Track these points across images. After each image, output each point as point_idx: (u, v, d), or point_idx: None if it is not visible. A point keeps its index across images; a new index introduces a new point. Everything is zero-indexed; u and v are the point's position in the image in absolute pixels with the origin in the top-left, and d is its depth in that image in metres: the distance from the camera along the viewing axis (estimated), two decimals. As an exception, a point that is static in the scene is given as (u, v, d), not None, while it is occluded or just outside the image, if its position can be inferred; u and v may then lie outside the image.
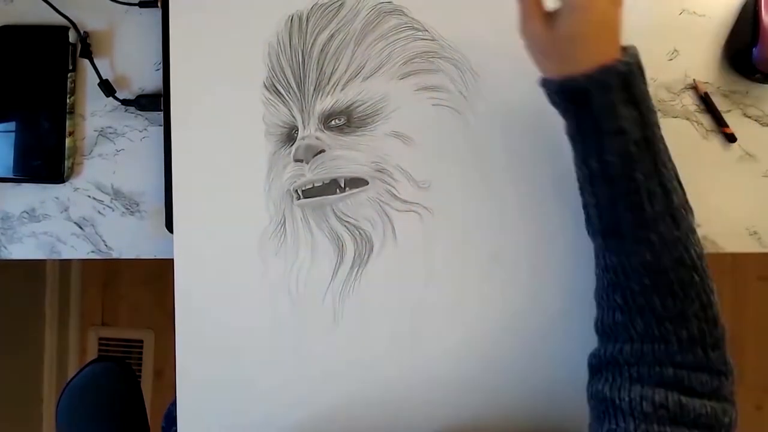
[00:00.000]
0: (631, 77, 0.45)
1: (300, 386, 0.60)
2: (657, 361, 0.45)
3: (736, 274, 1.47)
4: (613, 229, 0.47)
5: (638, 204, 0.46)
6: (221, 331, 0.61)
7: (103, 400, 0.76)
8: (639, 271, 0.46)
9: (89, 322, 1.57)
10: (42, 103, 0.65)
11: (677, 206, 0.46)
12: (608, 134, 0.46)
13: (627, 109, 0.45)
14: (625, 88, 0.45)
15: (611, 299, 0.48)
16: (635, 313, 0.46)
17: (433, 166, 0.58)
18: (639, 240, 0.46)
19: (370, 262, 0.59)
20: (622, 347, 0.47)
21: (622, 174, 0.46)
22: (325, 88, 0.59)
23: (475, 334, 0.58)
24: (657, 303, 0.46)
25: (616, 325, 0.48)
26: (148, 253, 0.66)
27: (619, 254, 0.47)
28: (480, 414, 0.58)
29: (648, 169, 0.46)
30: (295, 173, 0.59)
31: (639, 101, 0.46)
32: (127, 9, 0.65)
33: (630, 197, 0.46)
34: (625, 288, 0.47)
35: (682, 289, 0.45)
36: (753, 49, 0.58)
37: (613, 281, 0.48)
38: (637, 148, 0.45)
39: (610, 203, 0.47)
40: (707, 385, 0.44)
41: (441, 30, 0.58)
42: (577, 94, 0.46)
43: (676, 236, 0.46)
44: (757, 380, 1.48)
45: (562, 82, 0.47)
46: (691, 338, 0.45)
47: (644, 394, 0.44)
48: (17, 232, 0.67)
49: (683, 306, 0.45)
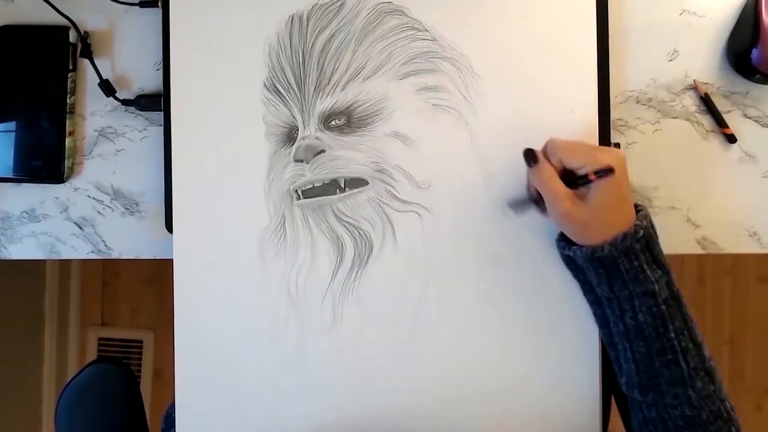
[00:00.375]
0: (649, 239, 0.48)
1: (299, 386, 0.60)
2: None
3: (736, 274, 1.47)
4: (651, 386, 0.49)
5: (674, 361, 0.48)
6: (220, 331, 0.61)
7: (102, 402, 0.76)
8: (680, 425, 0.48)
9: (89, 322, 1.57)
10: (42, 103, 0.65)
11: (708, 359, 0.49)
12: (639, 296, 0.48)
13: (652, 269, 0.48)
14: (647, 250, 0.48)
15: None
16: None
17: (433, 166, 0.58)
18: (678, 396, 0.48)
19: (370, 262, 0.59)
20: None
21: (655, 332, 0.48)
22: (325, 88, 0.59)
23: (474, 334, 0.58)
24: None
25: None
26: (147, 253, 0.66)
27: (658, 408, 0.49)
28: (479, 413, 0.58)
29: (679, 326, 0.48)
30: (295, 173, 0.59)
31: (660, 260, 0.49)
32: (128, 9, 0.65)
33: (666, 354, 0.48)
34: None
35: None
36: (753, 50, 0.58)
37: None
38: (667, 306, 0.48)
39: (648, 360, 0.49)
40: None
41: (441, 30, 0.58)
42: (604, 260, 0.49)
43: (712, 390, 0.48)
44: (757, 381, 1.48)
45: (591, 252, 0.49)
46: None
47: None
48: (17, 232, 0.67)
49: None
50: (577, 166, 0.50)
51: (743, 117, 0.61)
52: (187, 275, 0.61)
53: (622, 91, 0.61)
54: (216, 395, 0.61)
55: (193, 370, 0.61)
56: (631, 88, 0.61)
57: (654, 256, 0.49)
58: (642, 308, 0.48)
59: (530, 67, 0.57)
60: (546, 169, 0.51)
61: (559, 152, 0.51)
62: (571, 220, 0.50)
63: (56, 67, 0.65)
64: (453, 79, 0.58)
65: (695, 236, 0.61)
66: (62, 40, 0.65)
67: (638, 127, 0.61)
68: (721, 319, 1.47)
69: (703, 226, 0.61)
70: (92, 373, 0.76)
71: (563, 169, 0.51)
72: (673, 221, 0.61)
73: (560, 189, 0.50)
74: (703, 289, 1.48)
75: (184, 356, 0.61)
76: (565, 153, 0.50)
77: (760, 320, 1.47)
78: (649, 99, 0.61)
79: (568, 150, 0.50)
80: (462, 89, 0.58)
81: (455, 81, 0.58)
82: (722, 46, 0.61)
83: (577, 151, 0.50)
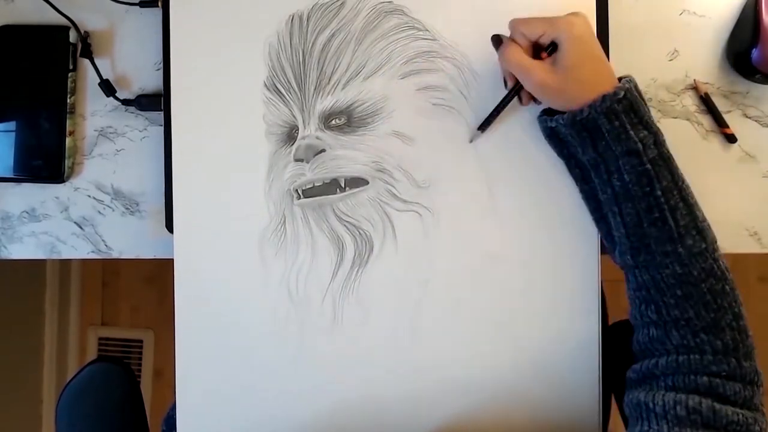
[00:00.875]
0: (633, 100, 0.48)
1: (300, 386, 0.60)
2: (692, 370, 0.46)
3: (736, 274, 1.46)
4: (641, 246, 0.49)
5: (662, 219, 0.48)
6: (221, 331, 0.61)
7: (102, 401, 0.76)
8: (671, 283, 0.48)
9: (89, 321, 1.57)
10: (42, 103, 0.65)
11: (701, 219, 0.49)
12: (623, 155, 0.48)
13: (637, 130, 0.48)
14: (631, 111, 0.48)
15: (646, 316, 0.50)
16: (671, 325, 0.48)
17: (434, 165, 0.58)
18: (668, 254, 0.48)
19: (370, 262, 0.59)
20: (658, 361, 0.48)
21: (642, 192, 0.48)
22: (325, 87, 0.59)
23: (474, 333, 0.58)
24: (692, 314, 0.47)
25: (652, 341, 0.49)
26: (148, 253, 0.66)
27: (650, 270, 0.49)
28: (480, 414, 0.58)
29: (668, 185, 0.48)
30: (295, 173, 0.59)
31: (646, 121, 0.49)
32: (128, 9, 0.65)
33: (653, 213, 0.48)
34: (659, 302, 0.49)
35: (714, 300, 0.47)
36: (753, 50, 0.58)
37: (646, 298, 0.50)
38: (653, 165, 0.48)
39: (636, 221, 0.49)
40: (740, 394, 0.45)
41: (441, 29, 0.58)
42: (586, 123, 0.49)
43: (703, 248, 0.48)
44: (757, 381, 1.48)
45: (572, 116, 0.50)
46: (726, 348, 0.46)
47: (678, 399, 0.45)
48: (17, 232, 0.67)
49: (717, 316, 0.47)
50: (538, 34, 0.51)
51: (743, 117, 0.61)
52: (187, 275, 0.61)
53: (622, 91, 0.61)
54: (216, 395, 0.61)
55: (194, 369, 0.61)
56: (631, 87, 0.61)
57: (640, 117, 0.49)
58: (626, 167, 0.48)
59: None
60: (512, 47, 0.52)
61: (519, 27, 0.52)
62: (547, 88, 0.50)
63: (56, 67, 0.65)
64: (453, 79, 0.58)
65: (695, 236, 0.61)
66: (62, 40, 0.65)
67: (638, 126, 0.61)
68: (721, 319, 1.47)
69: (703, 225, 0.61)
70: (92, 373, 0.76)
71: (531, 45, 0.52)
72: (673, 221, 0.61)
73: (528, 62, 0.51)
74: (703, 289, 1.47)
75: (184, 356, 0.61)
76: (525, 25, 0.52)
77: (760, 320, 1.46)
78: (650, 99, 0.61)
79: (526, 22, 0.52)
80: (462, 88, 0.58)
81: (455, 80, 0.58)
82: (722, 46, 0.61)
83: (534, 21, 0.51)
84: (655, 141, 0.49)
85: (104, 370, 0.77)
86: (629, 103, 0.48)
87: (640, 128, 0.48)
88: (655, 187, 0.48)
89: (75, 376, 0.76)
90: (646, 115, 0.49)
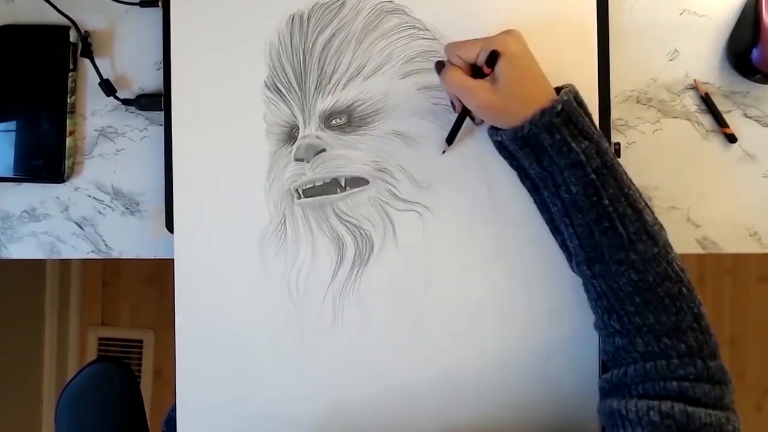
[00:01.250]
0: (571, 112, 0.49)
1: (300, 386, 0.60)
2: (660, 376, 0.46)
3: (736, 274, 1.47)
4: (596, 256, 0.49)
5: (612, 228, 0.48)
6: (221, 331, 0.61)
7: (102, 401, 0.76)
8: (629, 291, 0.48)
9: (89, 321, 1.57)
10: (43, 103, 0.65)
11: (651, 223, 0.49)
12: (567, 168, 0.49)
13: (577, 141, 0.48)
14: (570, 123, 0.48)
15: (609, 325, 0.50)
16: (634, 333, 0.48)
17: (434, 165, 0.58)
18: (621, 262, 0.48)
19: (371, 261, 0.59)
20: (627, 369, 0.48)
21: (589, 202, 0.48)
22: (326, 87, 0.59)
23: (475, 334, 0.58)
24: (652, 319, 0.47)
25: (618, 350, 0.50)
26: (148, 253, 0.66)
27: (607, 279, 0.49)
28: (480, 413, 0.58)
29: (614, 193, 0.48)
30: (295, 172, 0.59)
31: (587, 132, 0.49)
32: (128, 8, 0.65)
33: (602, 222, 0.48)
34: (620, 311, 0.49)
35: (673, 303, 0.47)
36: (753, 50, 0.58)
37: (607, 307, 0.50)
38: (598, 175, 0.48)
39: (587, 231, 0.49)
40: (710, 395, 0.45)
41: (442, 29, 0.58)
42: (528, 139, 0.49)
43: (655, 252, 0.48)
44: (757, 381, 1.48)
45: (513, 132, 0.50)
46: (690, 350, 0.47)
47: (651, 405, 0.45)
48: (17, 232, 0.67)
49: (677, 319, 0.47)
50: (474, 56, 0.52)
51: (743, 117, 0.61)
52: (187, 275, 0.61)
53: (622, 91, 0.61)
54: (217, 395, 0.61)
55: (194, 369, 0.61)
56: (631, 88, 0.61)
57: (580, 128, 0.49)
58: (572, 179, 0.49)
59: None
60: (451, 70, 0.53)
61: (455, 50, 0.53)
62: (489, 107, 0.51)
63: (56, 66, 0.65)
64: (453, 79, 0.58)
65: (695, 236, 0.61)
66: (63, 39, 0.65)
67: (638, 127, 0.61)
68: (721, 319, 1.47)
69: (703, 226, 0.61)
70: (92, 373, 0.76)
71: (469, 67, 0.53)
72: (673, 221, 0.61)
73: (468, 83, 0.51)
74: (703, 289, 1.48)
75: (184, 356, 0.61)
76: (460, 49, 0.52)
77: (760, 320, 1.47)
78: (649, 99, 0.61)
79: (461, 45, 0.52)
80: (462, 89, 0.58)
81: (456, 80, 0.58)
82: (722, 46, 0.61)
83: (469, 43, 0.52)
84: (598, 150, 0.49)
85: (104, 370, 0.77)
86: (567, 115, 0.48)
87: (581, 139, 0.49)
88: (602, 196, 0.48)
89: (75, 376, 0.76)
90: (586, 125, 0.49)
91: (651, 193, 0.61)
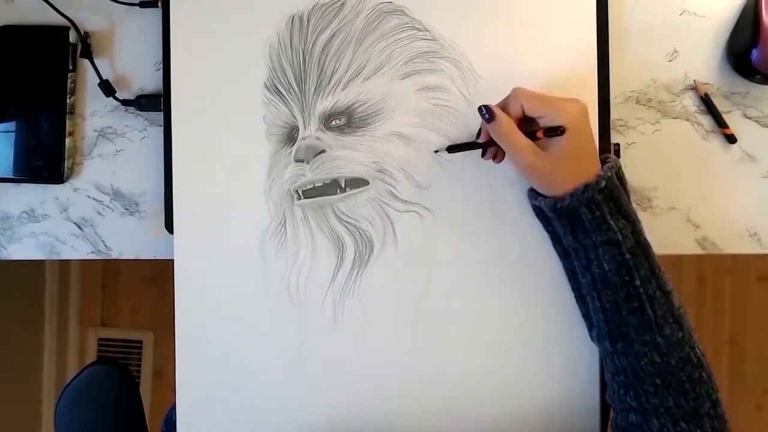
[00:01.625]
0: (613, 190, 0.49)
1: (300, 387, 0.60)
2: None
3: (736, 274, 1.47)
4: (620, 334, 0.49)
5: (641, 309, 0.48)
6: (221, 331, 0.61)
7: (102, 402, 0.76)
8: (650, 372, 0.48)
9: (88, 322, 1.57)
10: (42, 103, 0.65)
11: (677, 307, 0.49)
12: (602, 245, 0.49)
13: (616, 219, 0.49)
14: (611, 201, 0.49)
15: (624, 402, 0.50)
16: (650, 414, 0.48)
17: (434, 166, 0.58)
18: (646, 343, 0.48)
19: (371, 262, 0.59)
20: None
21: (621, 281, 0.48)
22: (325, 88, 0.59)
23: (475, 334, 0.58)
24: (671, 402, 0.48)
25: (632, 427, 0.49)
26: (147, 254, 0.66)
27: (628, 357, 0.49)
28: (480, 413, 0.58)
29: (645, 274, 0.48)
30: (295, 173, 0.59)
31: (625, 211, 0.49)
32: (128, 9, 0.65)
33: (632, 302, 0.48)
34: (638, 389, 0.49)
35: (693, 389, 0.47)
36: (753, 50, 0.58)
37: (625, 383, 0.50)
38: (632, 255, 0.48)
39: (615, 308, 0.49)
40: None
41: (442, 30, 0.58)
42: (568, 211, 0.49)
43: (680, 337, 0.48)
44: (757, 381, 1.48)
45: (554, 202, 0.50)
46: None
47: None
48: (17, 233, 0.67)
49: (695, 404, 0.47)
50: (538, 115, 0.50)
51: (743, 117, 0.61)
52: (187, 276, 0.61)
53: (622, 91, 0.61)
54: (216, 395, 0.61)
55: (194, 370, 0.61)
56: (631, 88, 0.61)
57: (619, 206, 0.49)
58: (606, 257, 0.49)
59: (530, 67, 0.57)
60: (505, 122, 0.51)
61: (522, 100, 0.51)
62: (534, 172, 0.50)
63: (56, 67, 0.65)
64: (453, 79, 0.58)
65: (695, 236, 0.61)
66: (62, 40, 0.64)
67: (638, 127, 0.61)
68: (721, 319, 1.47)
69: (703, 226, 0.61)
70: (92, 374, 0.76)
71: (522, 118, 0.52)
72: (673, 221, 0.61)
73: (522, 142, 0.50)
74: (703, 289, 1.48)
75: (184, 356, 0.61)
76: (528, 101, 0.51)
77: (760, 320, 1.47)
78: (649, 99, 0.61)
79: (531, 99, 0.51)
80: (462, 89, 0.58)
81: (456, 81, 0.58)
82: (722, 47, 0.61)
83: (539, 100, 0.51)
84: (633, 230, 0.49)
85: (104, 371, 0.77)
86: (609, 192, 0.49)
87: (619, 218, 0.49)
88: (635, 277, 0.48)
89: (75, 377, 0.76)
90: (624, 204, 0.49)
91: (651, 193, 0.61)
